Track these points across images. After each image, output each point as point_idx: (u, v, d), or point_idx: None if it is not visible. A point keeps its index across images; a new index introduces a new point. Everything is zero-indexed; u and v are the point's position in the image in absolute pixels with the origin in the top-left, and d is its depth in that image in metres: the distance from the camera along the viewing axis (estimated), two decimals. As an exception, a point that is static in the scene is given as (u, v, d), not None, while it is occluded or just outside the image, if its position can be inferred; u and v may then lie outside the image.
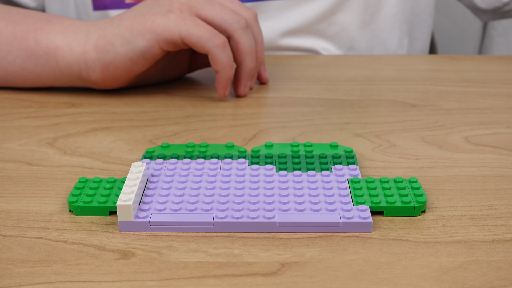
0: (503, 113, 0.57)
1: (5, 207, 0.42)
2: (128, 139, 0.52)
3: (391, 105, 0.58)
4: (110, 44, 0.57)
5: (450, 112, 0.57)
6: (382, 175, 0.46)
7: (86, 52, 0.58)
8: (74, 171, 0.47)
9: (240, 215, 0.39)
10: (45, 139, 0.52)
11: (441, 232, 0.39)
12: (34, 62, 0.60)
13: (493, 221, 0.40)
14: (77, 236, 0.39)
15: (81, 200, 0.41)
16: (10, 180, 0.46)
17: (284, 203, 0.40)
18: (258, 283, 0.34)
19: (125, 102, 0.60)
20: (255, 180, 0.43)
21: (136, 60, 0.57)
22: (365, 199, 0.41)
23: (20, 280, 0.35)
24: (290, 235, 0.38)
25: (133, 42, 0.56)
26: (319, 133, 0.53)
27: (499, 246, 0.37)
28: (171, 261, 0.36)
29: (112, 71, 0.58)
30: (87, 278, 0.35)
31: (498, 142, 0.51)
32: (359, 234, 0.38)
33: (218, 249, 0.37)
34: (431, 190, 0.43)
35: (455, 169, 0.47)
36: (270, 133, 0.53)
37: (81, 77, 0.59)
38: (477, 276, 0.35)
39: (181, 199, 0.41)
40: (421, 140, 0.51)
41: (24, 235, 0.39)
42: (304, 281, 0.34)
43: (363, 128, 0.54)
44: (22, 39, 0.60)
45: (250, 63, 0.59)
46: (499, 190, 0.43)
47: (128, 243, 0.38)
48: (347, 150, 0.48)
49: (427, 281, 0.34)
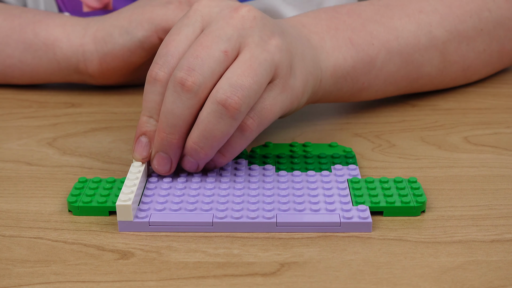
0: (503, 113, 0.57)
1: (5, 207, 0.42)
2: (128, 139, 0.52)
3: (391, 105, 0.58)
4: (109, 35, 0.57)
5: (449, 112, 0.57)
6: (381, 175, 0.46)
7: (84, 44, 0.58)
8: (73, 171, 0.47)
9: (239, 215, 0.39)
10: (44, 139, 0.52)
11: (440, 232, 0.39)
12: (32, 54, 0.60)
13: (493, 221, 0.40)
14: (77, 236, 0.39)
15: (81, 200, 0.41)
16: (10, 180, 0.46)
17: (283, 203, 0.40)
18: (257, 283, 0.34)
19: (125, 102, 0.60)
20: (255, 180, 0.43)
21: (134, 50, 0.57)
22: (364, 199, 0.41)
23: (20, 280, 0.35)
24: (290, 235, 0.38)
25: (132, 32, 0.56)
26: (318, 133, 0.53)
27: (499, 246, 0.37)
28: (171, 261, 0.36)
29: (110, 62, 0.58)
30: (86, 278, 0.35)
31: (498, 142, 0.51)
32: (359, 234, 0.38)
33: (218, 249, 0.37)
34: (430, 190, 0.43)
35: (454, 169, 0.47)
36: (269, 133, 0.53)
37: (79, 69, 0.59)
38: (477, 276, 0.35)
39: (181, 199, 0.41)
40: (420, 140, 0.51)
41: (24, 235, 0.39)
42: (303, 281, 0.34)
43: (363, 128, 0.54)
44: (21, 32, 0.60)
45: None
46: (499, 190, 0.43)
47: (127, 243, 0.38)
48: (346, 150, 0.48)
49: (427, 281, 0.34)
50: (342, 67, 0.50)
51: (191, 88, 0.39)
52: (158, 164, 0.42)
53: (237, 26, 0.41)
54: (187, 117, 0.40)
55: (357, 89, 0.52)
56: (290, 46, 0.44)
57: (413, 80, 0.55)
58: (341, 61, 0.50)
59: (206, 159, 0.42)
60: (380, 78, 0.53)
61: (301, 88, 0.45)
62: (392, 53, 0.52)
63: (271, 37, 0.42)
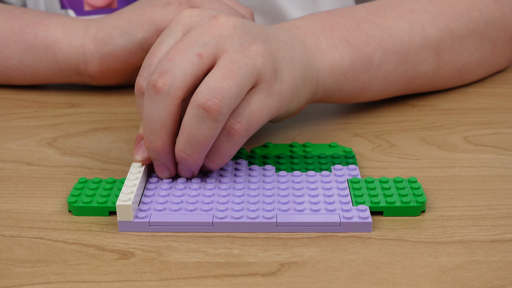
0: (503, 113, 0.57)
1: (5, 207, 0.42)
2: (128, 139, 0.52)
3: (391, 105, 0.58)
4: (109, 36, 0.57)
5: (450, 112, 0.57)
6: (381, 175, 0.46)
7: (85, 45, 0.58)
8: (73, 171, 0.47)
9: (239, 215, 0.39)
10: (44, 139, 0.52)
11: (440, 232, 0.39)
12: (33, 56, 0.60)
13: (493, 221, 0.40)
14: (77, 236, 0.39)
15: (81, 200, 0.41)
16: (10, 180, 0.46)
17: (283, 203, 0.40)
18: (257, 283, 0.34)
19: (125, 102, 0.60)
20: (255, 181, 0.43)
21: (134, 51, 0.57)
22: (364, 199, 0.41)
23: (20, 280, 0.35)
24: (290, 235, 0.38)
25: (132, 33, 0.56)
26: (318, 133, 0.53)
27: (499, 246, 0.37)
28: (171, 261, 0.36)
29: (110, 63, 0.58)
30: (86, 278, 0.35)
31: (498, 142, 0.51)
32: (359, 234, 0.38)
33: (218, 249, 0.37)
34: (430, 190, 0.43)
35: (454, 169, 0.47)
36: (269, 133, 0.53)
37: (79, 70, 0.59)
38: (477, 276, 0.35)
39: (181, 199, 0.41)
40: (420, 140, 0.51)
41: (24, 235, 0.39)
42: (303, 281, 0.34)
43: (363, 128, 0.54)
44: (21, 33, 0.60)
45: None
46: (499, 190, 0.43)
47: (127, 243, 0.38)
48: (346, 150, 0.48)
49: (427, 281, 0.34)
50: (340, 65, 0.50)
51: (161, 89, 0.39)
52: (157, 171, 0.43)
53: (215, 33, 0.41)
54: (163, 119, 0.40)
55: (358, 89, 0.52)
56: (276, 51, 0.44)
57: (411, 80, 0.56)
58: (338, 59, 0.50)
59: (197, 165, 0.42)
60: (379, 77, 0.53)
61: (289, 92, 0.45)
62: (388, 52, 0.53)
63: (252, 43, 0.42)
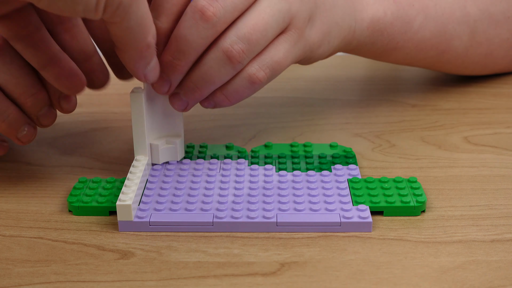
0: (503, 113, 0.57)
1: (5, 207, 0.42)
2: (128, 139, 0.52)
3: (391, 105, 0.58)
4: None
5: (450, 112, 0.57)
6: (381, 175, 0.46)
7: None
8: (73, 171, 0.47)
9: (239, 215, 0.39)
10: (45, 139, 0.52)
11: (440, 232, 0.39)
12: None
13: (493, 221, 0.40)
14: (77, 236, 0.39)
15: (81, 200, 0.41)
16: (10, 180, 0.46)
17: (283, 203, 0.40)
18: (257, 283, 0.34)
19: (125, 102, 0.60)
20: (255, 180, 0.43)
21: None
22: (364, 199, 0.41)
23: (20, 280, 0.35)
24: (290, 235, 0.38)
25: None
26: (318, 133, 0.53)
27: (499, 246, 0.37)
28: (171, 261, 0.36)
29: None
30: (86, 278, 0.35)
31: (498, 142, 0.51)
32: (359, 234, 0.38)
33: (218, 249, 0.37)
34: (430, 190, 0.43)
35: (454, 169, 0.47)
36: (269, 133, 0.53)
37: None
38: (477, 276, 0.35)
39: (181, 199, 0.41)
40: (420, 140, 0.51)
41: (24, 235, 0.39)
42: (303, 281, 0.34)
43: (363, 128, 0.54)
44: None
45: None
46: (499, 190, 0.43)
47: (127, 243, 0.38)
48: (346, 150, 0.48)
49: (427, 281, 0.34)
50: (381, 20, 0.50)
51: (210, 18, 0.38)
52: (157, 84, 0.41)
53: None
54: (199, 47, 0.39)
55: (390, 47, 0.52)
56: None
57: (440, 53, 0.55)
58: (381, 13, 0.50)
59: (198, 100, 0.41)
60: (413, 41, 0.53)
61: (317, 38, 0.44)
62: (428, 18, 0.52)
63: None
